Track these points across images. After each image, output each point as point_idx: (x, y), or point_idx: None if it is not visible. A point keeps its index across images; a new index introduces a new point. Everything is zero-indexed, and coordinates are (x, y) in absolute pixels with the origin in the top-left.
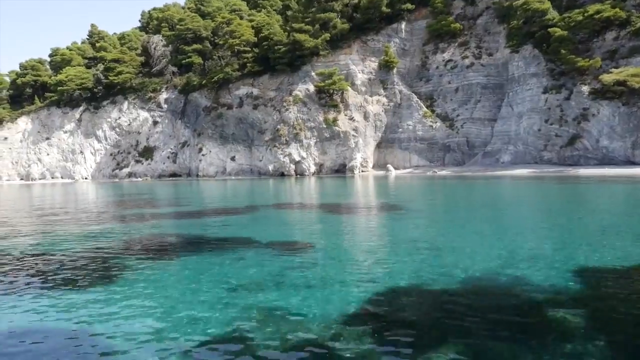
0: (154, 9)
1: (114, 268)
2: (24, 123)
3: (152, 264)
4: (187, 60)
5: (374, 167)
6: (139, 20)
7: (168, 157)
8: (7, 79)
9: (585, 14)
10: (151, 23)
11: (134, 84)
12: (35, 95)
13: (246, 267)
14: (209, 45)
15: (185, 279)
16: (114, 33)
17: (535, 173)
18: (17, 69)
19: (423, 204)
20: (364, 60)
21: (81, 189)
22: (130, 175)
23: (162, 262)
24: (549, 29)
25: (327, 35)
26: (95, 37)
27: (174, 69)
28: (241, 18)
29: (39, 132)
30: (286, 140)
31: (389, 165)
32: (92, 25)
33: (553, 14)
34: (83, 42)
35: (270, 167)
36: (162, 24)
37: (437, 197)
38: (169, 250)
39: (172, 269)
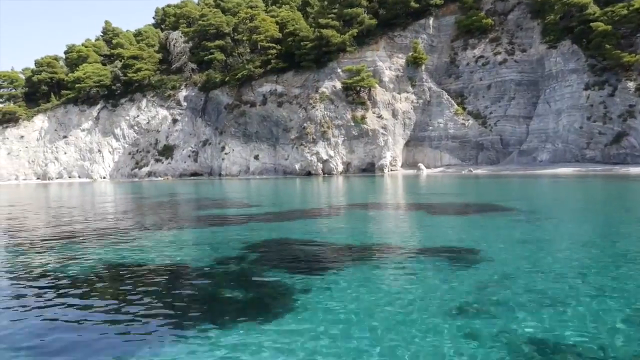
0: (169, 5)
1: (279, 293)
2: (40, 121)
3: (319, 279)
4: (209, 56)
5: (402, 166)
6: (153, 17)
7: (189, 156)
8: (22, 77)
9: (630, 8)
10: (167, 20)
11: (152, 81)
12: (52, 93)
13: (429, 278)
14: (230, 41)
15: (373, 301)
16: (127, 30)
17: (580, 172)
18: (29, 66)
19: (526, 204)
20: (391, 56)
21: (108, 189)
22: (149, 174)
23: (330, 276)
24: (591, 24)
25: (354, 31)
26: (109, 34)
27: (193, 65)
28: (267, 12)
29: (55, 130)
30: (313, 138)
31: (420, 164)
32: (106, 22)
33: (594, 8)
34: (97, 39)
35: (297, 166)
36: (180, 21)
37: (523, 197)
38: (327, 260)
39: (351, 283)
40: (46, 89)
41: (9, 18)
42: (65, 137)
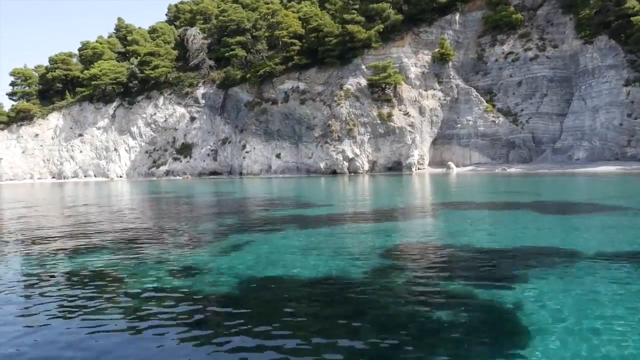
0: (183, 2)
1: (492, 311)
2: (55, 119)
3: (516, 289)
4: (230, 53)
5: (429, 164)
6: (166, 15)
7: (208, 155)
8: (35, 74)
9: None
10: (183, 16)
11: (170, 79)
12: (66, 90)
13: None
14: (250, 37)
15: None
16: (139, 27)
17: (625, 170)
18: (41, 64)
19: (635, 202)
20: (417, 53)
21: (134, 188)
22: (167, 173)
23: (526, 286)
24: (631, 18)
25: (380, 27)
26: (122, 31)
27: (211, 62)
28: (286, 9)
29: (71, 128)
30: (338, 136)
31: (449, 163)
32: (119, 19)
33: (633, 3)
34: (110, 37)
35: (322, 165)
36: (197, 17)
37: (619, 196)
38: (501, 268)
39: (556, 294)
40: (60, 87)
41: (15, 16)
42: (80, 135)
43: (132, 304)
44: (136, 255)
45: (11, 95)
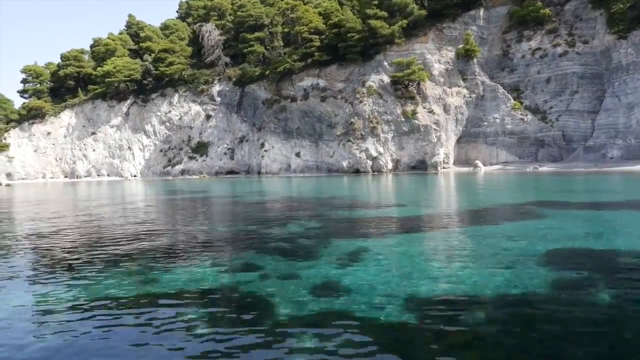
0: None
1: None
2: (67, 117)
3: None
4: (248, 49)
5: (454, 163)
6: (176, 11)
7: (225, 154)
8: (47, 71)
9: None
10: (195, 13)
11: (185, 76)
12: (78, 88)
13: None
14: (269, 33)
15: None
16: (150, 25)
17: None
18: (51, 61)
19: None
20: (440, 49)
21: (157, 188)
22: (183, 172)
23: None
24: None
25: (404, 22)
26: (134, 28)
27: (227, 59)
28: (304, 4)
29: (83, 126)
30: (361, 134)
31: (477, 162)
32: (130, 16)
33: None
34: (121, 33)
35: (344, 164)
36: (211, 13)
37: None
38: None
39: None
40: (73, 84)
41: (22, 15)
42: (93, 133)
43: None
44: (262, 272)
45: (22, 92)
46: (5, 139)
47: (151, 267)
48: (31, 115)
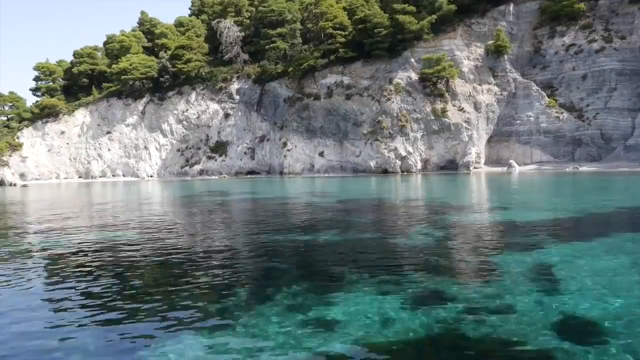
0: None
1: None
2: (81, 116)
3: None
4: (271, 45)
5: (484, 163)
6: (189, 8)
7: (245, 153)
8: (60, 69)
9: None
10: (210, 9)
11: (202, 73)
12: (92, 86)
13: None
14: (290, 29)
15: None
16: (165, 22)
17: None
18: (62, 58)
19: None
20: (469, 45)
21: (185, 190)
22: (202, 172)
23: None
24: None
25: (433, 17)
26: (147, 25)
27: (245, 56)
28: None
29: (98, 125)
30: (390, 133)
31: (511, 161)
32: (142, 13)
33: None
34: (134, 30)
35: (372, 163)
36: (228, 9)
37: None
38: None
39: None
40: (86, 82)
41: (29, 13)
42: (108, 132)
43: None
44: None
45: (35, 90)
46: (18, 138)
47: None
48: (44, 114)
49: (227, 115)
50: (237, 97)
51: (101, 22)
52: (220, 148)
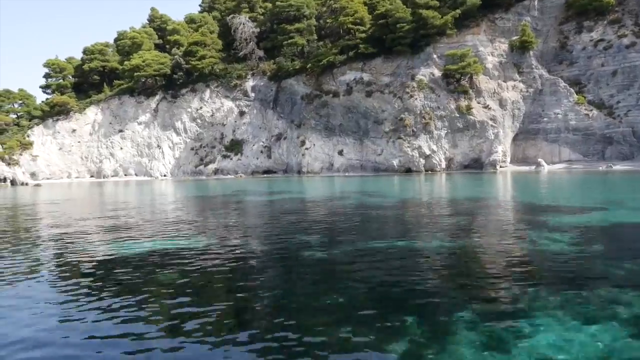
0: None
1: None
2: (93, 113)
3: None
4: (288, 41)
5: (510, 161)
6: (200, 5)
7: (261, 152)
8: (70, 66)
9: None
10: (223, 5)
11: (216, 70)
12: (104, 83)
13: None
14: (307, 25)
15: None
16: (175, 19)
17: None
18: (71, 55)
19: None
20: (493, 41)
21: (208, 190)
22: (216, 171)
23: None
24: None
25: (457, 12)
26: (157, 22)
27: (261, 53)
28: None
29: (110, 123)
30: (413, 131)
31: (540, 160)
32: (153, 9)
33: None
34: (144, 27)
35: (395, 162)
36: (242, 4)
37: None
38: None
39: None
40: (97, 79)
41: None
42: (120, 131)
43: None
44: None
45: (45, 88)
46: (28, 136)
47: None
48: (55, 112)
49: (242, 113)
50: (252, 94)
51: (108, 20)
52: (235, 147)
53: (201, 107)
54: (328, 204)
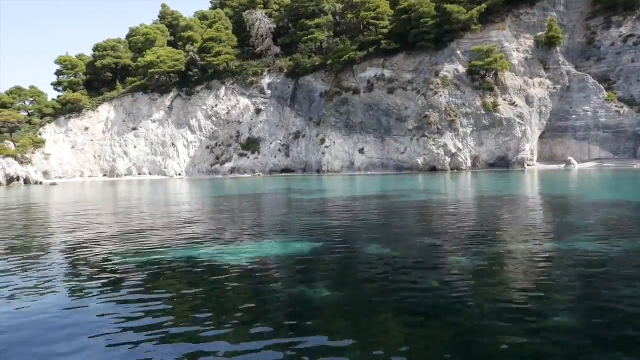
0: None
1: None
2: (105, 111)
3: None
4: (308, 36)
5: (537, 159)
6: (210, 1)
7: (279, 150)
8: (82, 62)
9: None
10: (233, 2)
11: (232, 67)
12: (116, 80)
13: None
14: (326, 21)
15: None
16: (188, 15)
17: None
18: (82, 52)
19: None
20: (518, 36)
21: (235, 190)
22: (233, 170)
23: None
24: None
25: (482, 7)
26: (168, 18)
27: (277, 49)
28: None
29: (123, 121)
30: (438, 128)
31: (570, 158)
32: (164, 6)
33: None
34: (155, 23)
35: (419, 160)
36: (256, 0)
37: None
38: None
39: None
40: (110, 76)
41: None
42: (134, 129)
43: None
44: None
45: (56, 85)
46: (40, 134)
47: None
48: (67, 109)
49: (258, 111)
50: (269, 91)
51: (117, 17)
52: (252, 145)
53: (216, 105)
54: (384, 201)
